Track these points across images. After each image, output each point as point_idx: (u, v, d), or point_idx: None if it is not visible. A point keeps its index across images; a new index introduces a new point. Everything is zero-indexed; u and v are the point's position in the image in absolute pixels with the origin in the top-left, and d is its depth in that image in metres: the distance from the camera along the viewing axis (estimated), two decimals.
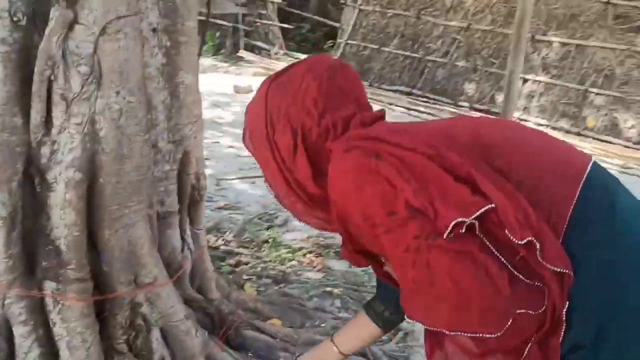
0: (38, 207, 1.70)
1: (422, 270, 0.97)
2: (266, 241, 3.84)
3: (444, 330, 1.01)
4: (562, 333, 0.97)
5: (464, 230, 0.95)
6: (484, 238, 0.96)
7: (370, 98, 6.58)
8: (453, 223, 0.94)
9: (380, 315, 1.47)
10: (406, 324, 3.01)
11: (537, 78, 7.70)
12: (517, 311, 0.93)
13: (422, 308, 1.02)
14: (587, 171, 1.02)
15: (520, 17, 2.74)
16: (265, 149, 1.22)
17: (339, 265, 3.64)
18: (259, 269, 3.40)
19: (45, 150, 1.63)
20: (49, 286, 1.73)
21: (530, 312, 0.94)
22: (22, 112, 1.60)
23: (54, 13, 1.55)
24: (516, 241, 0.94)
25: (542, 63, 7.88)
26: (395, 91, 8.65)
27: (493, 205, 0.95)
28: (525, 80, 7.72)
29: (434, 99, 8.29)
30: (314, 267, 3.55)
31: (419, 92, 8.51)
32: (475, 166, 0.99)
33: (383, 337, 2.91)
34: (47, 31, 1.55)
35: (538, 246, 0.94)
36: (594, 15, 7.83)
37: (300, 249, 3.79)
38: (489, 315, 0.95)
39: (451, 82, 8.37)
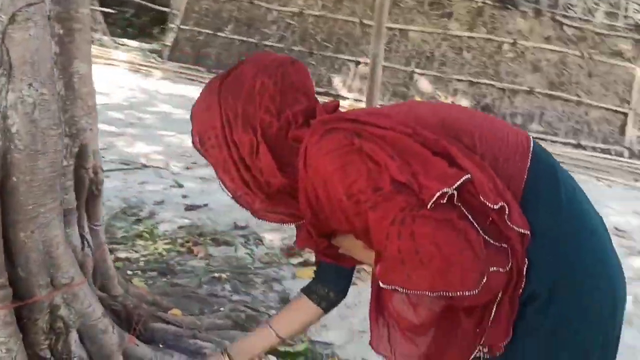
0: None
1: (408, 240, 1.06)
2: (139, 235, 3.73)
3: (427, 293, 1.10)
4: (523, 287, 1.13)
5: (444, 201, 1.06)
6: (461, 206, 1.08)
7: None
8: (438, 193, 1.05)
9: (325, 297, 1.51)
10: None
11: (369, 61, 8.23)
12: (490, 269, 1.07)
13: (404, 275, 1.10)
14: (532, 146, 1.19)
15: (380, 4, 2.98)
16: (221, 150, 1.25)
17: (219, 252, 3.68)
18: (141, 263, 3.31)
19: None
20: None
21: (500, 269, 1.08)
22: None
23: None
24: (491, 206, 1.08)
25: None
26: None
27: (469, 176, 1.08)
28: (357, 63, 8.22)
29: None
30: (196, 256, 3.55)
31: None
32: (449, 142, 1.12)
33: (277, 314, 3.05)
34: None
35: (507, 210, 1.08)
36: (413, 2, 8.55)
37: (176, 239, 3.75)
38: (468, 275, 1.06)
39: None
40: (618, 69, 7.88)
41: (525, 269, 1.13)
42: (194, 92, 7.67)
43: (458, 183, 1.07)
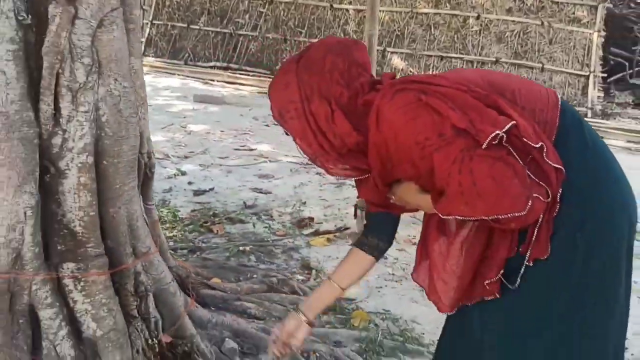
0: (47, 196, 1.79)
1: (467, 174, 1.33)
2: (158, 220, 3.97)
3: (483, 217, 1.36)
4: (556, 212, 1.41)
5: (496, 142, 1.33)
6: (509, 147, 1.35)
7: (189, 76, 7.08)
8: (492, 135, 1.32)
9: (375, 247, 1.68)
10: (316, 263, 3.47)
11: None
12: (534, 195, 1.34)
13: (462, 205, 1.37)
14: (560, 99, 1.50)
15: None
16: (300, 121, 1.50)
17: (236, 229, 3.96)
18: (170, 243, 3.56)
19: (56, 140, 1.73)
20: (67, 267, 1.84)
21: (541, 198, 1.37)
22: (32, 107, 1.68)
23: (55, 10, 1.65)
24: (533, 145, 1.36)
25: (342, 29, 8.71)
26: (212, 67, 8.88)
27: (515, 122, 1.36)
28: None
29: (252, 71, 8.70)
30: (217, 234, 3.82)
31: (236, 66, 8.85)
32: (497, 97, 1.40)
33: (302, 278, 3.35)
34: (53, 27, 1.64)
35: (545, 149, 1.37)
36: None
37: (193, 221, 4.00)
38: (518, 200, 1.31)
39: (265, 53, 8.84)
40: (576, 34, 8.32)
41: (559, 197, 1.42)
42: (178, 84, 7.82)
43: (507, 127, 1.35)
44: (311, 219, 4.16)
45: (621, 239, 1.50)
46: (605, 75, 8.57)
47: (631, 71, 9.13)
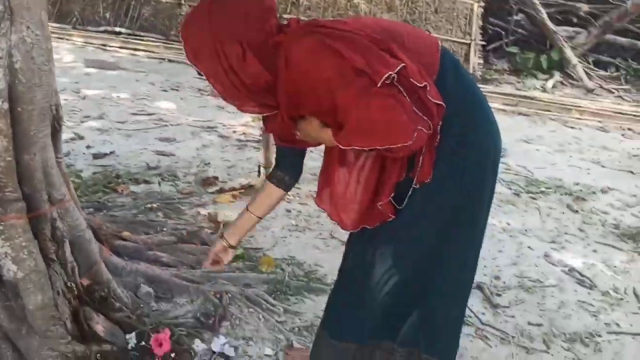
0: None
1: (364, 110, 1.55)
2: None
3: (377, 147, 1.58)
4: (437, 143, 1.66)
5: (388, 82, 1.55)
6: (399, 86, 1.57)
7: (79, 40, 6.99)
8: (385, 76, 1.53)
9: (282, 180, 1.89)
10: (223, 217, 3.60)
11: None
12: (418, 128, 1.57)
13: (360, 137, 1.58)
14: (440, 45, 1.74)
15: None
16: (213, 61, 1.62)
17: (141, 189, 4.01)
18: None
19: None
20: None
21: (424, 130, 1.59)
22: None
23: None
24: (418, 84, 1.57)
25: None
26: (103, 32, 8.58)
27: (404, 64, 1.57)
28: None
29: (146, 36, 8.51)
30: (122, 193, 3.85)
31: (129, 31, 8.61)
32: (390, 41, 1.61)
33: (210, 231, 3.48)
34: None
35: (428, 88, 1.60)
36: None
37: (96, 182, 4.00)
38: (406, 133, 1.55)
39: (159, 18, 8.66)
40: (459, 5, 8.88)
41: (439, 129, 1.67)
42: (68, 48, 7.53)
43: (398, 68, 1.56)
44: (216, 177, 4.28)
45: (488, 177, 1.79)
46: (485, 43, 9.20)
47: (507, 40, 9.86)
